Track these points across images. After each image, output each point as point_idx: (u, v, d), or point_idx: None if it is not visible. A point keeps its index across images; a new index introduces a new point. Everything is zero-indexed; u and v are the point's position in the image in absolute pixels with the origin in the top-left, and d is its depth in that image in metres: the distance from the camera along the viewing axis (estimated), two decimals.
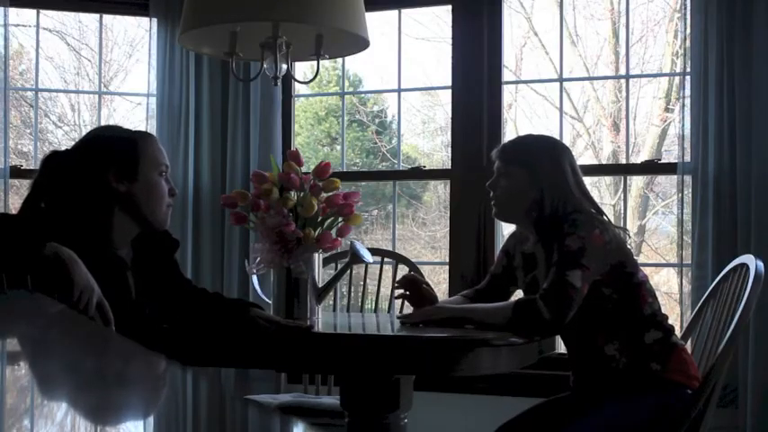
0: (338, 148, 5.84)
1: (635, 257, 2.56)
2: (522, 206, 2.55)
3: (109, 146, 2.36)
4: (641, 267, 2.53)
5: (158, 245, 2.49)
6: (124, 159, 2.34)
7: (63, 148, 2.43)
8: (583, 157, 6.70)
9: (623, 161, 4.63)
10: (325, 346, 2.38)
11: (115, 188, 2.33)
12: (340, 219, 2.65)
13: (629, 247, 2.55)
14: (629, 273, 2.47)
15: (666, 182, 6.54)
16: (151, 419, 0.81)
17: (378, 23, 4.60)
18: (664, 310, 2.54)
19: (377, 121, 7.50)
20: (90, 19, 5.37)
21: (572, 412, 2.48)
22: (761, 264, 2.50)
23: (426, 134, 7.34)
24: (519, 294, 2.70)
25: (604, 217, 2.55)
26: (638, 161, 5.01)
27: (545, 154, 2.56)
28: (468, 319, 2.45)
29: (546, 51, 6.25)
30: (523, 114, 6.65)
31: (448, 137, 4.88)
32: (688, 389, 2.41)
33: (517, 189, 2.55)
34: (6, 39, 4.21)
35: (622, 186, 4.14)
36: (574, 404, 2.53)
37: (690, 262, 3.63)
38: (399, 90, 4.44)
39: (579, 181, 2.58)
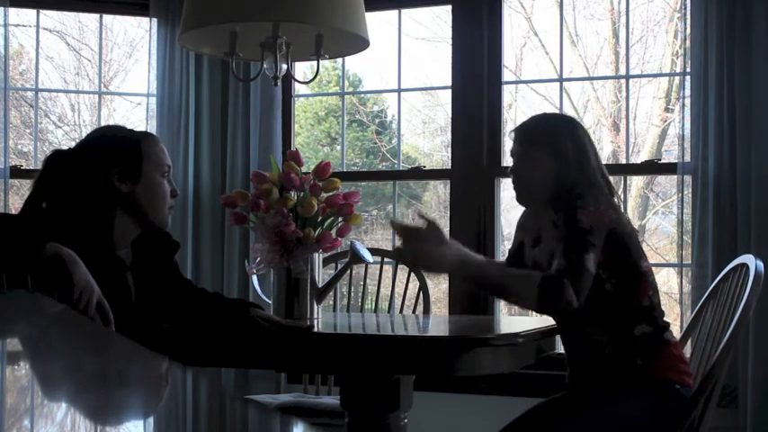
0: (338, 148, 5.84)
1: (640, 245, 2.47)
2: (548, 190, 2.45)
3: (112, 146, 2.36)
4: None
5: (159, 246, 2.48)
6: (127, 160, 2.34)
7: (65, 148, 2.43)
8: None
9: (623, 161, 4.63)
10: (325, 346, 2.38)
11: (117, 188, 2.32)
12: (340, 219, 2.65)
13: (637, 233, 2.48)
14: (633, 261, 2.40)
15: (666, 182, 6.54)
16: (151, 420, 0.81)
17: (378, 23, 4.60)
18: (663, 309, 2.51)
19: (377, 121, 7.50)
20: (90, 19, 5.37)
21: (566, 412, 2.47)
22: (761, 264, 2.49)
23: (426, 134, 7.35)
24: None
25: (615, 198, 2.48)
26: (638, 161, 5.01)
27: (567, 134, 2.47)
28: (485, 278, 2.37)
29: (546, 51, 6.25)
30: (523, 114, 6.65)
31: (448, 137, 4.88)
32: (677, 384, 2.38)
33: (542, 174, 2.45)
34: (6, 39, 4.21)
35: (622, 186, 4.14)
36: (568, 403, 2.52)
37: (690, 262, 3.62)
38: (399, 90, 4.44)
39: (599, 160, 2.50)
